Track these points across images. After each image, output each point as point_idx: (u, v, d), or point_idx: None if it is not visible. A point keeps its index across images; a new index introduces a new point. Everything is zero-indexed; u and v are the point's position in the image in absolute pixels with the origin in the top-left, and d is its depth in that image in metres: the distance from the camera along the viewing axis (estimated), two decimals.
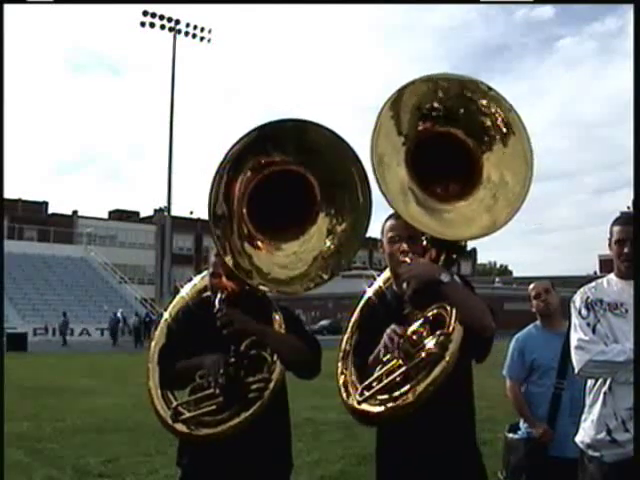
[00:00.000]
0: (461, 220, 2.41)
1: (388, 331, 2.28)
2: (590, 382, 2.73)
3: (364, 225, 2.37)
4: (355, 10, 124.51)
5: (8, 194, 46.61)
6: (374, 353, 2.35)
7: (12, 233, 48.58)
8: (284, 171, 2.41)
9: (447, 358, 2.21)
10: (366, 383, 2.31)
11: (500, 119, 2.46)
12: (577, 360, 2.65)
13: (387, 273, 2.66)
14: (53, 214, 57.27)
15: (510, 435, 3.79)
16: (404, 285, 2.29)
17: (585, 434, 2.70)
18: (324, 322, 48.84)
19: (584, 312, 2.70)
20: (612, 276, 2.78)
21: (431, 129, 2.48)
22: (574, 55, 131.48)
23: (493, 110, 2.46)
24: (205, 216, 2.40)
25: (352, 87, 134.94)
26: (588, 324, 2.66)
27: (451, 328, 2.24)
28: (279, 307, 2.64)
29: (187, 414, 2.45)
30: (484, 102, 2.47)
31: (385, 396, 2.25)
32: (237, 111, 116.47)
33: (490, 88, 2.47)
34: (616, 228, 2.74)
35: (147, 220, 60.18)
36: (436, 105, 2.46)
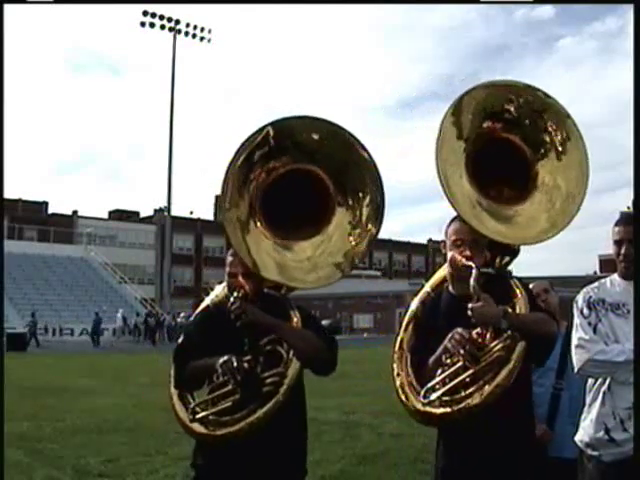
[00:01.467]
0: (524, 223, 2.51)
1: (455, 335, 2.30)
2: (590, 381, 2.73)
3: (381, 194, 2.50)
4: (355, 10, 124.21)
5: (8, 194, 46.59)
6: (435, 355, 2.38)
7: (12, 233, 48.52)
8: (294, 171, 2.48)
9: (514, 360, 2.27)
10: (430, 385, 2.34)
11: (557, 127, 2.52)
12: (577, 359, 2.66)
13: (441, 273, 2.71)
14: (53, 214, 57.22)
15: None
16: (472, 320, 2.33)
17: (584, 433, 2.71)
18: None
19: (586, 311, 2.71)
20: (615, 276, 2.79)
21: (490, 135, 2.54)
22: (574, 55, 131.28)
23: (551, 118, 2.53)
24: (205, 216, 2.46)
25: (352, 87, 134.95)
26: (589, 323, 2.67)
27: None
28: (296, 307, 2.64)
29: (202, 413, 2.45)
30: (542, 110, 2.53)
31: (452, 397, 2.27)
32: (237, 111, 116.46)
33: (547, 95, 2.51)
34: (615, 229, 2.74)
35: (147, 220, 60.12)
36: (495, 111, 2.53)
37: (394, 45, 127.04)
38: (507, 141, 2.54)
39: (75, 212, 57.60)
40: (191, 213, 59.14)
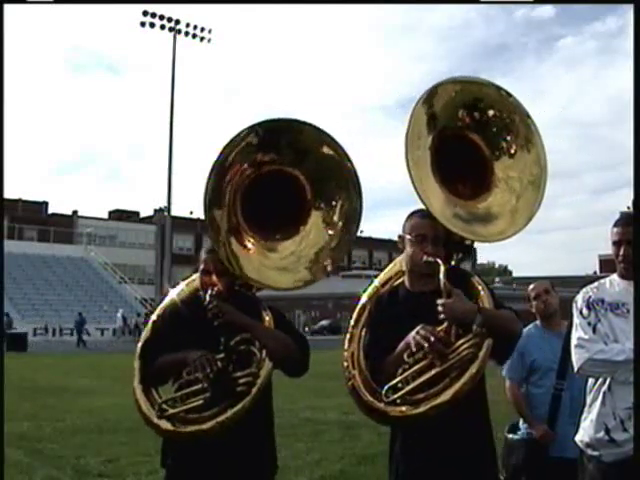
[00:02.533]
0: (491, 219, 2.51)
1: (420, 331, 2.24)
2: (590, 381, 2.73)
3: (358, 210, 2.49)
4: (355, 10, 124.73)
5: (8, 194, 46.60)
6: (395, 353, 2.32)
7: (12, 233, 48.53)
8: (275, 171, 2.48)
9: (481, 358, 2.23)
10: (391, 384, 2.27)
11: (518, 126, 2.53)
12: (576, 358, 2.66)
13: (394, 268, 2.66)
14: (53, 214, 57.23)
15: (510, 436, 3.79)
16: (440, 316, 2.26)
17: (584, 433, 2.71)
18: (324, 322, 48.84)
19: (585, 311, 2.71)
20: (615, 276, 2.79)
21: (456, 133, 2.53)
22: (574, 55, 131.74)
23: (512, 117, 2.54)
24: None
25: (352, 87, 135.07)
26: (589, 323, 2.67)
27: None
28: (268, 307, 2.62)
29: (172, 410, 2.42)
30: (504, 108, 2.54)
31: (416, 396, 2.22)
32: (237, 111, 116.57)
33: (509, 94, 2.53)
34: (613, 230, 2.75)
35: (147, 220, 60.06)
36: (460, 109, 2.52)
37: (394, 45, 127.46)
38: (469, 140, 2.55)
39: (75, 212, 57.61)
40: (191, 213, 59.05)
